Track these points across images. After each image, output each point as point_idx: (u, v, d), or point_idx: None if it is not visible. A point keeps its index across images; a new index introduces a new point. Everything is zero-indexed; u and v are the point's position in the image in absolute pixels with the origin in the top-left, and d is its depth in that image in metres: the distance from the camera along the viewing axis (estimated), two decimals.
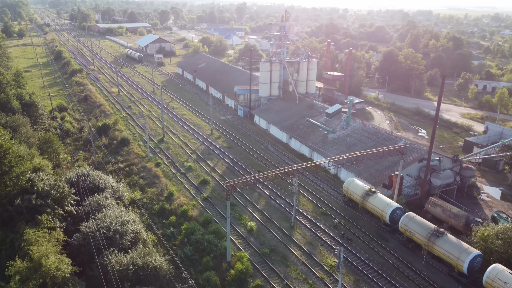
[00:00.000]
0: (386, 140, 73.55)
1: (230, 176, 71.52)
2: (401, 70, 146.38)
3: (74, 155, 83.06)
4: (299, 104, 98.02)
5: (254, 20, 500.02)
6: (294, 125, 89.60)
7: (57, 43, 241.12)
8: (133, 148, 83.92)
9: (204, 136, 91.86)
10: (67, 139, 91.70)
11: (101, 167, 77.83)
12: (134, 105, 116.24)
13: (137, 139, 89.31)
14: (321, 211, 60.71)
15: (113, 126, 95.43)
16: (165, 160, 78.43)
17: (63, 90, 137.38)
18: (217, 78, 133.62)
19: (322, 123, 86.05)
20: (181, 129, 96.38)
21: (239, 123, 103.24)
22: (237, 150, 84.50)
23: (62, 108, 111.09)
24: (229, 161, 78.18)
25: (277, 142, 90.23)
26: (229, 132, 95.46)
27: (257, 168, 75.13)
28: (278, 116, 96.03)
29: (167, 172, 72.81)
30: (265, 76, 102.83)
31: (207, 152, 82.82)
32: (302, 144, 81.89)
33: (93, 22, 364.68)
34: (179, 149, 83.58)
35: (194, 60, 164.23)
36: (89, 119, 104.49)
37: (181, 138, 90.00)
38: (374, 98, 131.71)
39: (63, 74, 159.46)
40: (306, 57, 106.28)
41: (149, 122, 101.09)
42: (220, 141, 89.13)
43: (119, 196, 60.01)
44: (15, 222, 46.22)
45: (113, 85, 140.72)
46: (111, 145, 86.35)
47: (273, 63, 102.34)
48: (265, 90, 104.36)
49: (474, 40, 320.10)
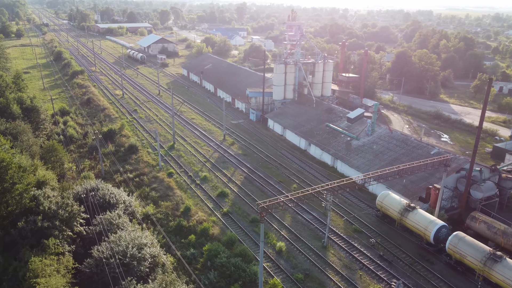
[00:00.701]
0: (417, 148, 68.19)
1: (250, 188, 66.07)
2: (415, 71, 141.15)
3: (79, 163, 77.45)
4: (316, 108, 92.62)
5: (255, 20, 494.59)
6: (313, 130, 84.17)
7: (56, 43, 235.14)
8: (142, 156, 78.33)
9: (217, 143, 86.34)
10: (71, 146, 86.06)
11: (108, 177, 72.27)
12: (140, 108, 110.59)
13: (145, 146, 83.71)
14: (354, 227, 55.28)
15: (119, 132, 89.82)
16: (178, 169, 72.85)
17: (64, 93, 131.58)
18: (224, 80, 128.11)
19: (343, 128, 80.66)
20: (192, 135, 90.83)
21: (252, 128, 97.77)
22: (253, 157, 79.04)
23: (64, 112, 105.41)
24: (246, 170, 72.69)
25: (295, 149, 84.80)
26: (242, 137, 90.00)
27: (278, 178, 69.71)
28: (294, 120, 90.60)
29: (181, 183, 67.24)
30: (279, 78, 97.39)
31: (222, 160, 77.30)
32: (324, 152, 76.45)
33: (92, 22, 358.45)
34: (192, 157, 78.03)
35: (199, 61, 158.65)
36: (93, 124, 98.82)
37: (193, 145, 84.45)
38: (389, 101, 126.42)
39: (64, 75, 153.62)
40: (322, 58, 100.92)
41: (157, 127, 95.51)
42: (234, 148, 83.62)
43: (131, 211, 54.53)
44: (18, 247, 40.63)
45: (116, 87, 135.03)
46: (118, 152, 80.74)
47: (288, 64, 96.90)
48: (279, 93, 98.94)
49: (479, 40, 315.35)
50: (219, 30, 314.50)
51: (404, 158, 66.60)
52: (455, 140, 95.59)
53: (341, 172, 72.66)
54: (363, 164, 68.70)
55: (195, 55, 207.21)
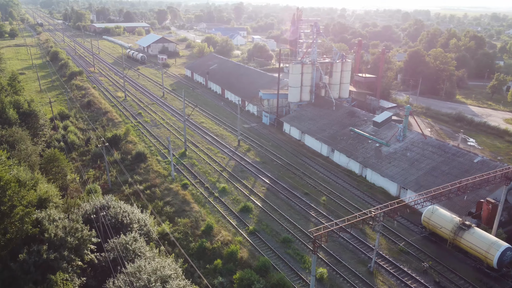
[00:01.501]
0: (457, 156, 61.94)
1: (275, 201, 59.54)
2: (429, 71, 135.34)
3: (83, 173, 70.56)
4: (336, 110, 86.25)
5: (253, 20, 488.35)
6: (336, 135, 77.79)
7: (51, 43, 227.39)
8: (152, 164, 71.56)
9: (231, 149, 79.76)
10: (73, 153, 79.11)
11: (116, 188, 65.50)
12: (145, 111, 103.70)
13: (154, 153, 76.92)
14: (400, 248, 48.89)
15: (124, 138, 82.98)
16: (193, 180, 66.16)
17: (62, 95, 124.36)
18: (232, 81, 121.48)
19: (370, 133, 74.34)
20: (203, 140, 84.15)
21: (266, 132, 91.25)
22: (272, 165, 72.51)
23: (64, 115, 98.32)
24: (268, 181, 66.14)
25: (316, 155, 78.39)
26: (257, 143, 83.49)
27: (303, 189, 63.23)
28: (313, 124, 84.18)
29: (198, 196, 60.57)
30: (295, 79, 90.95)
31: (240, 169, 70.69)
32: (351, 159, 70.03)
33: (88, 22, 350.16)
34: (206, 166, 71.35)
35: (203, 61, 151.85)
36: (95, 128, 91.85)
37: (206, 152, 77.79)
38: (405, 102, 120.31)
39: (61, 76, 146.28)
40: (340, 58, 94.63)
41: (164, 132, 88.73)
42: (250, 155, 77.05)
43: (146, 231, 47.85)
44: (20, 284, 33.88)
45: (117, 89, 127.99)
46: (124, 160, 73.92)
47: (304, 64, 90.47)
48: (295, 95, 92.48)
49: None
50: (218, 29, 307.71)
51: (444, 167, 60.36)
52: (483, 145, 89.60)
53: (371, 182, 66.31)
54: (397, 174, 62.38)
55: (196, 55, 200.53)
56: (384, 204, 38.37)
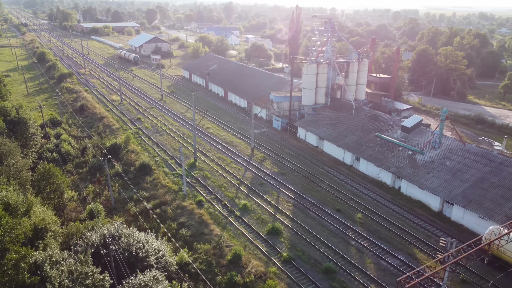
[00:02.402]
0: (505, 165, 55.38)
1: (305, 220, 52.22)
2: (439, 71, 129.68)
3: (81, 189, 62.36)
4: (356, 114, 79.34)
5: (243, 20, 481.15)
6: (360, 142, 70.81)
7: (37, 44, 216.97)
8: (159, 177, 63.64)
9: (245, 158, 72.22)
10: (67, 165, 70.73)
11: (119, 207, 57.55)
12: (144, 116, 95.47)
13: (160, 164, 68.96)
14: (461, 277, 41.96)
15: (125, 146, 74.85)
16: (208, 195, 58.45)
17: (52, 99, 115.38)
18: (236, 83, 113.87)
19: (399, 139, 67.52)
20: (213, 149, 76.45)
21: (279, 138, 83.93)
22: (293, 177, 65.20)
23: (55, 122, 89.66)
24: (292, 195, 58.80)
25: (338, 164, 71.34)
26: (272, 150, 76.14)
27: (333, 206, 56.06)
28: (332, 130, 77.11)
29: (216, 216, 52.92)
30: (310, 80, 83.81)
31: (258, 181, 63.18)
32: (382, 169, 63.05)
33: (75, 21, 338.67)
34: (221, 178, 63.67)
35: (202, 62, 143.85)
36: (90, 136, 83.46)
37: (217, 162, 70.11)
38: (418, 103, 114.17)
39: (50, 78, 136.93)
40: (357, 57, 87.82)
41: (168, 139, 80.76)
42: (267, 165, 69.60)
43: (164, 263, 40.18)
44: None
45: (112, 92, 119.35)
46: (127, 173, 65.86)
47: (320, 64, 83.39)
48: (310, 97, 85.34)
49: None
50: (211, 29, 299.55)
51: (492, 178, 53.76)
52: (511, 149, 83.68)
53: (407, 194, 59.43)
54: (439, 186, 55.59)
55: (191, 55, 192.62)
56: (464, 244, 31.32)
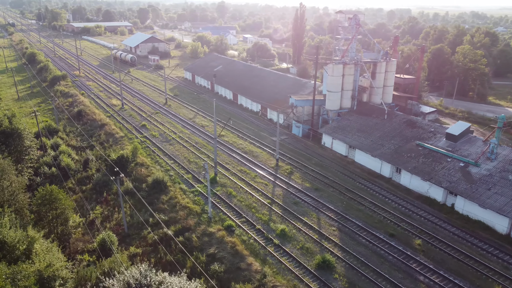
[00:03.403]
0: None
1: (358, 250, 44.30)
2: (457, 71, 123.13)
3: (86, 210, 53.81)
4: (389, 120, 71.74)
5: (236, 19, 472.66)
6: (399, 152, 63.18)
7: (26, 44, 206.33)
8: (176, 196, 55.28)
9: (270, 171, 64.15)
10: (68, 182, 62.01)
11: (134, 233, 49.21)
12: (149, 123, 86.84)
13: (175, 180, 60.54)
14: None
15: (133, 159, 66.25)
16: (237, 218, 50.29)
17: (45, 103, 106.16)
18: (246, 85, 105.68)
19: (445, 149, 60.02)
20: (232, 160, 68.22)
21: (302, 146, 76.00)
22: (329, 193, 57.32)
23: (51, 130, 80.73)
24: (334, 216, 50.89)
25: (374, 176, 63.66)
26: (298, 161, 68.22)
27: (384, 229, 48.31)
28: (364, 137, 69.39)
29: (252, 245, 44.76)
30: (336, 82, 76.03)
31: (292, 199, 55.17)
32: (432, 183, 55.43)
33: (64, 21, 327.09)
34: (248, 196, 55.51)
35: (205, 62, 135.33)
36: (92, 146, 74.68)
37: (240, 176, 61.92)
38: (440, 106, 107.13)
39: (42, 81, 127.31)
40: (384, 56, 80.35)
41: (180, 149, 72.32)
42: (296, 178, 61.60)
43: None
44: None
45: (110, 95, 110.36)
46: (139, 190, 57.35)
47: (346, 64, 75.67)
48: (335, 101, 77.57)
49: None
50: (207, 28, 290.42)
51: None
52: None
53: (464, 214, 51.89)
54: (506, 205, 48.11)
55: (189, 56, 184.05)
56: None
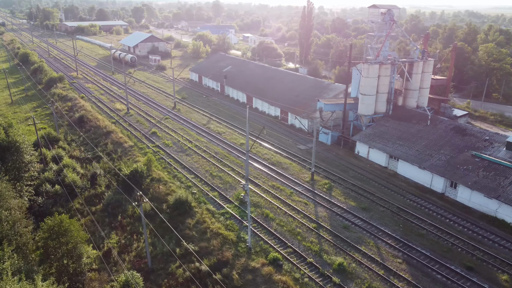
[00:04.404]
0: None
1: None
2: (480, 70, 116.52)
3: (99, 239, 45.53)
4: (433, 127, 64.19)
5: (232, 18, 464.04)
6: (452, 163, 55.62)
7: (18, 44, 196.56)
8: (204, 219, 47.18)
9: (306, 186, 56.25)
10: (75, 201, 53.61)
11: (159, 267, 41.16)
12: (160, 130, 78.54)
13: (200, 198, 52.38)
14: None
15: (148, 173, 57.92)
16: (281, 248, 42.29)
17: (41, 108, 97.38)
18: (261, 87, 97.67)
19: (509, 161, 52.59)
20: (260, 173, 60.14)
21: (333, 156, 68.18)
22: (380, 214, 49.63)
23: (50, 139, 72.04)
24: (393, 243, 43.10)
25: (423, 191, 56.08)
26: (333, 174, 60.45)
27: (459, 260, 40.78)
28: (408, 146, 61.78)
29: (306, 285, 36.81)
30: (370, 85, 68.38)
31: (340, 222, 47.31)
32: (501, 203, 47.90)
33: (57, 20, 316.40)
34: (288, 219, 47.53)
35: (212, 62, 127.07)
36: (98, 157, 66.24)
37: (273, 193, 53.94)
38: (468, 108, 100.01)
39: (38, 83, 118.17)
40: (421, 55, 72.94)
41: (200, 161, 64.08)
42: (338, 195, 53.80)
43: None
44: None
45: (113, 99, 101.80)
46: (160, 211, 49.07)
47: (383, 64, 68.07)
48: (369, 105, 69.92)
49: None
50: (205, 28, 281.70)
51: None
52: None
53: None
54: None
55: (191, 55, 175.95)
56: None
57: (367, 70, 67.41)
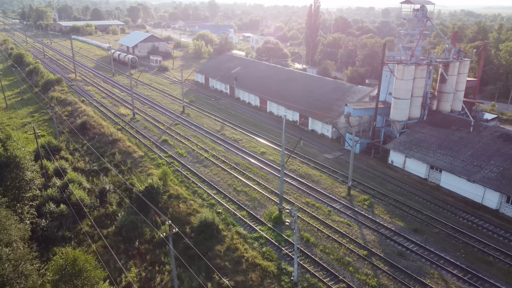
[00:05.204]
0: None
1: None
2: (499, 71, 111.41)
3: (115, 271, 38.96)
4: (477, 134, 58.25)
5: (229, 18, 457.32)
6: (506, 175, 49.66)
7: (11, 44, 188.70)
8: (236, 246, 40.82)
9: (344, 203, 50.03)
10: (83, 223, 46.97)
11: None
12: (171, 137, 71.95)
13: (226, 219, 45.94)
14: None
15: (164, 189, 51.34)
16: (333, 283, 36.02)
17: (39, 113, 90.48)
18: (275, 89, 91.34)
19: None
20: (290, 188, 53.82)
21: (365, 166, 62.01)
22: (436, 237, 43.57)
23: (52, 148, 64.99)
24: (461, 275, 37.07)
25: (473, 207, 50.12)
26: (370, 187, 54.37)
27: None
28: (450, 156, 55.78)
29: None
30: (405, 87, 62.33)
31: (392, 248, 41.12)
32: None
33: (51, 20, 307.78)
34: (333, 245, 41.26)
35: (219, 63, 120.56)
36: (106, 170, 59.57)
37: (309, 211, 47.68)
38: (493, 111, 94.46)
39: (34, 85, 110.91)
40: (456, 55, 67.07)
41: (220, 173, 57.63)
42: (382, 214, 47.65)
43: None
44: None
45: (116, 103, 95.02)
46: (185, 233, 42.49)
47: (419, 65, 62.06)
48: (403, 110, 63.83)
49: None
50: (203, 27, 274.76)
51: None
52: None
53: None
54: None
55: (192, 56, 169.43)
56: None
57: (402, 71, 61.33)
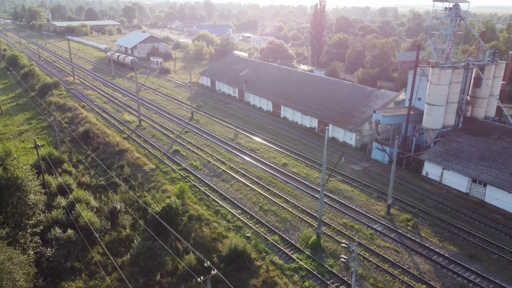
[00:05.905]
0: None
1: None
2: None
3: None
4: None
5: (225, 18, 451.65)
6: None
7: (4, 46, 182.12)
8: (273, 279, 35.62)
9: (385, 223, 44.86)
10: (94, 251, 41.38)
11: None
12: (183, 147, 66.41)
13: (258, 245, 40.54)
14: None
15: (183, 210, 45.78)
16: None
17: (36, 119, 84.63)
18: (289, 93, 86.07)
19: None
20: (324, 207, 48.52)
21: (398, 179, 56.62)
22: (497, 265, 38.56)
23: (53, 161, 59.17)
24: None
25: None
26: (409, 204, 49.27)
27: None
28: (495, 168, 50.83)
29: None
30: (441, 93, 57.34)
31: (453, 281, 36.01)
32: None
33: (44, 20, 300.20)
34: (386, 278, 36.06)
35: (225, 65, 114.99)
36: (112, 185, 53.95)
37: (349, 235, 42.45)
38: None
39: (30, 89, 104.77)
40: (491, 57, 62.23)
41: (242, 189, 52.24)
42: (430, 237, 42.54)
43: None
44: None
45: (119, 108, 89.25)
46: (213, 262, 36.91)
47: (455, 69, 57.10)
48: (438, 118, 58.81)
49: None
50: (201, 27, 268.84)
51: None
52: None
53: None
54: None
55: (193, 57, 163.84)
56: None
57: (438, 75, 56.29)
